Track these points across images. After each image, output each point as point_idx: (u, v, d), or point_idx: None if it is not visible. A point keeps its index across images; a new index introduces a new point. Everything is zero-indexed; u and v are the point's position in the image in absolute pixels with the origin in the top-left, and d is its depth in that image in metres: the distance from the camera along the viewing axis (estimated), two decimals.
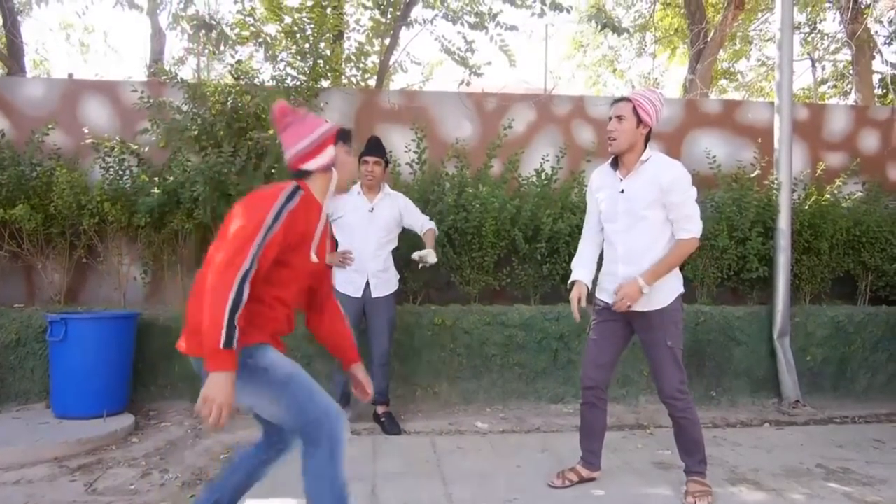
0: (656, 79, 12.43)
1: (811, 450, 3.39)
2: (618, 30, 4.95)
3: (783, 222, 4.51)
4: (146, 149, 4.56)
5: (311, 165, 1.98)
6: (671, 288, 2.71)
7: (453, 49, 6.13)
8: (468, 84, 6.14)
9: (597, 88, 13.01)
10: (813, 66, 11.54)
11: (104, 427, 3.43)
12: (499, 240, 4.33)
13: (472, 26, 5.89)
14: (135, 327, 3.86)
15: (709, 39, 8.56)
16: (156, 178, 4.32)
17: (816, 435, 3.69)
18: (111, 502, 2.64)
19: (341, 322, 2.34)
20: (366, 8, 6.11)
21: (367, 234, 3.62)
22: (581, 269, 2.80)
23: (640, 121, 2.61)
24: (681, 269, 4.71)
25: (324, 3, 4.83)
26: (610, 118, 2.69)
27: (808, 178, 5.11)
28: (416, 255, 3.48)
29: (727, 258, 4.58)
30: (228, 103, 4.50)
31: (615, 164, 2.79)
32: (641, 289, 2.55)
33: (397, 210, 3.74)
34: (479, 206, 4.21)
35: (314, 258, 1.97)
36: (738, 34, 10.83)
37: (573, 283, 2.79)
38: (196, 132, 4.43)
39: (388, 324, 3.68)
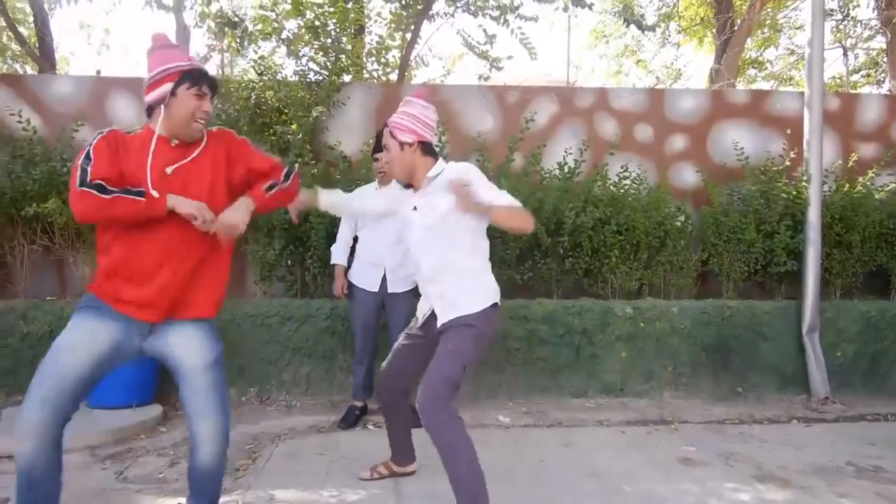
0: (679, 69, 12.22)
1: (841, 447, 3.32)
2: (643, 26, 4.87)
3: (813, 215, 4.41)
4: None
5: (147, 99, 1.98)
6: (475, 298, 2.38)
7: (474, 43, 6.11)
8: (488, 78, 6.11)
9: (619, 79, 12.85)
10: (845, 53, 11.23)
11: (134, 417, 3.51)
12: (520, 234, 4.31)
13: (494, 19, 5.86)
14: None
15: (736, 28, 8.37)
16: None
17: (847, 432, 3.61)
18: (140, 490, 2.71)
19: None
20: (387, 1, 6.12)
21: (385, 230, 3.60)
22: None
23: (402, 143, 2.36)
24: (706, 262, 4.68)
25: None
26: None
27: (840, 169, 4.98)
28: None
29: (754, 252, 4.49)
30: (252, 99, 4.54)
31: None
32: (483, 202, 2.25)
33: None
34: None
35: (154, 193, 1.88)
36: (767, 22, 10.58)
37: None
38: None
39: (407, 319, 3.67)
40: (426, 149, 2.41)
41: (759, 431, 3.61)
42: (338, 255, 3.75)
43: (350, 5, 4.88)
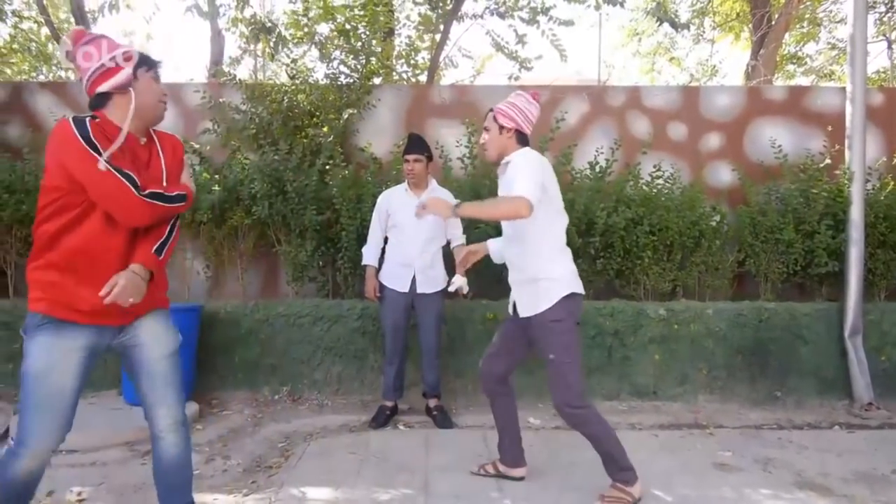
0: (714, 66, 11.95)
1: (886, 454, 3.20)
2: (676, 25, 4.78)
3: (856, 214, 4.26)
4: (208, 147, 4.73)
5: (105, 87, 1.87)
6: (549, 289, 2.50)
7: (503, 43, 6.09)
8: (518, 78, 6.09)
9: (651, 77, 12.64)
10: (889, 47, 10.82)
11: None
12: None
13: (525, 21, 5.84)
14: (198, 319, 4.02)
15: (773, 23, 8.15)
16: (216, 176, 4.49)
17: (891, 439, 3.48)
18: None
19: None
20: (416, 4, 6.15)
21: (415, 230, 3.61)
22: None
23: (501, 126, 2.60)
24: (742, 263, 4.57)
25: (375, 2, 4.89)
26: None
27: (884, 167, 4.81)
28: (452, 287, 2.96)
29: (793, 252, 4.37)
30: (284, 102, 4.61)
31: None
32: (453, 205, 2.41)
33: None
34: None
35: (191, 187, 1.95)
36: (806, 16, 10.27)
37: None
38: (254, 131, 4.58)
39: (436, 319, 3.69)
40: (521, 138, 2.62)
41: (799, 437, 3.51)
42: (369, 256, 3.77)
43: (380, 8, 4.91)
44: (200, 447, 3.28)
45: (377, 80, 5.03)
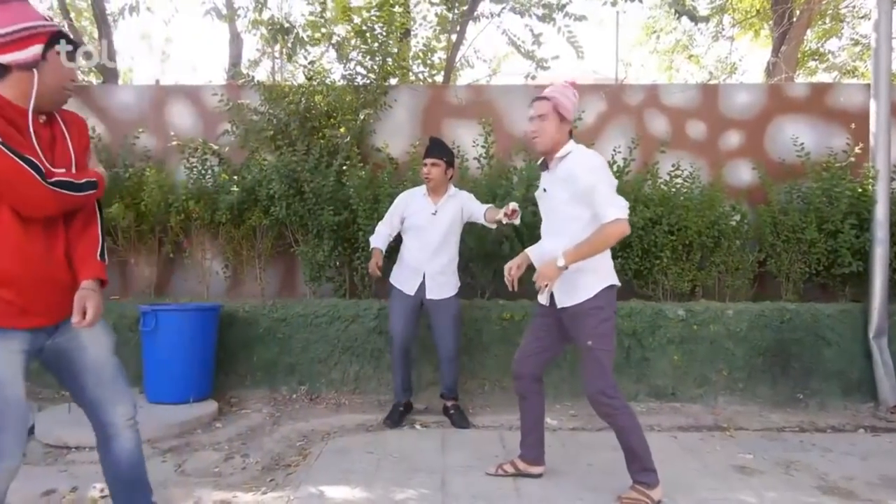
0: (734, 63, 11.80)
1: None
2: (695, 18, 4.73)
3: (881, 213, 4.18)
4: (226, 149, 4.79)
5: (6, 59, 1.66)
6: (589, 282, 2.52)
7: (520, 42, 6.08)
8: (534, 77, 6.06)
9: (670, 75, 12.52)
10: None
11: (191, 412, 3.64)
12: None
13: (540, 18, 5.82)
14: (217, 319, 4.06)
15: (794, 19, 8.03)
16: (235, 177, 4.54)
17: None
18: (198, 483, 2.80)
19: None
20: (432, 4, 6.16)
21: (429, 236, 3.57)
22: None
23: (563, 118, 2.57)
24: (763, 263, 4.51)
25: (392, 2, 4.90)
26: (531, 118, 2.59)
27: None
28: (503, 218, 3.04)
29: (816, 252, 4.30)
30: (301, 103, 4.65)
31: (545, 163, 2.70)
32: (557, 263, 2.40)
33: (459, 208, 3.62)
34: None
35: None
36: (829, 12, 10.09)
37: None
38: (272, 132, 4.62)
39: (452, 321, 3.64)
40: (570, 131, 2.62)
41: (822, 440, 3.45)
42: (377, 240, 3.68)
43: (397, 9, 4.93)
44: (220, 445, 3.31)
45: (393, 81, 5.05)
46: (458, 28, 6.14)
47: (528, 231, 4.23)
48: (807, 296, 4.47)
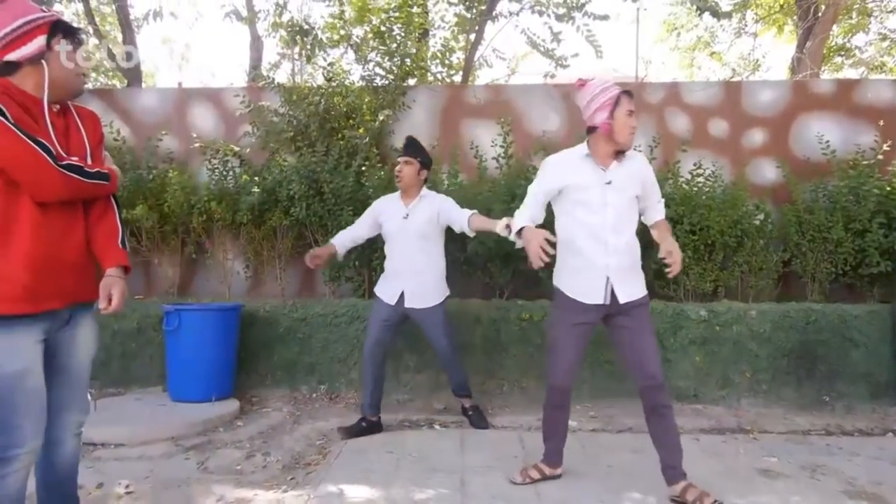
0: (757, 60, 11.60)
1: None
2: (717, 14, 4.66)
3: None
4: (247, 150, 4.84)
5: (14, 56, 1.72)
6: (641, 276, 2.74)
7: (539, 41, 6.05)
8: (554, 76, 6.03)
9: (691, 73, 12.35)
10: None
11: (213, 410, 3.69)
12: None
13: (559, 17, 5.79)
14: (239, 318, 4.11)
15: (820, 14, 7.87)
16: (256, 178, 4.58)
17: None
18: (220, 480, 2.84)
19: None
20: (450, 4, 6.15)
21: (403, 241, 3.40)
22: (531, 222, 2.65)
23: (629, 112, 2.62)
24: (788, 263, 4.43)
25: (410, 3, 4.91)
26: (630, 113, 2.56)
27: None
28: (503, 230, 2.83)
29: (842, 252, 4.21)
30: (321, 105, 4.68)
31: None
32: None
33: (434, 211, 3.40)
34: None
35: (115, 169, 1.82)
36: (855, 6, 9.87)
37: (523, 229, 2.57)
38: (292, 134, 4.66)
39: (440, 329, 3.44)
40: None
41: (849, 444, 3.37)
42: (337, 238, 3.58)
43: (415, 10, 4.94)
44: (241, 443, 3.35)
45: (412, 81, 5.06)
46: (476, 28, 6.13)
47: (548, 229, 4.20)
48: (833, 296, 4.38)
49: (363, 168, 4.46)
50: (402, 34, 4.87)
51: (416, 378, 4.15)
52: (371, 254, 4.44)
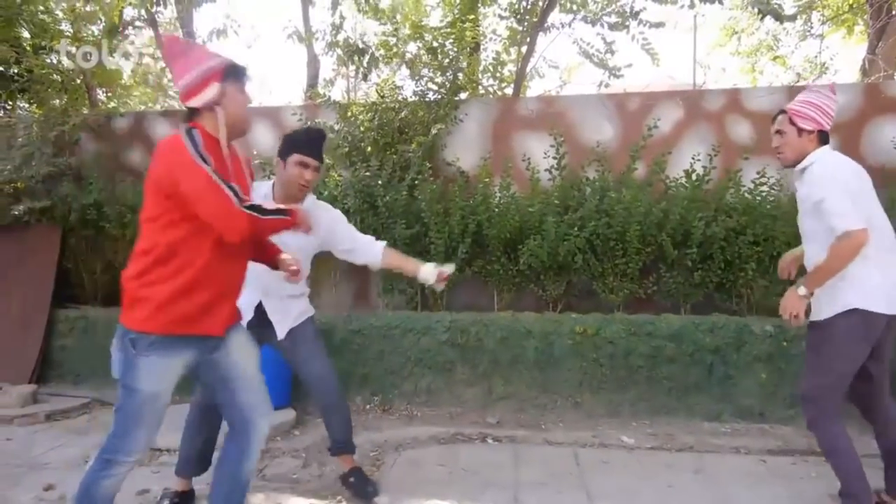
0: (824, 63, 11.06)
1: None
2: (780, 16, 4.49)
3: None
4: None
5: (194, 102, 1.88)
6: (832, 299, 2.40)
7: (592, 51, 5.98)
8: (608, 85, 5.94)
9: (752, 78, 11.91)
10: None
11: (272, 420, 3.77)
12: (644, 245, 4.13)
13: (612, 27, 5.71)
14: None
15: (893, 13, 7.46)
16: (313, 194, 4.70)
17: None
18: (277, 489, 2.91)
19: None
20: (502, 18, 6.18)
21: (295, 249, 2.67)
22: None
23: (800, 129, 2.51)
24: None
25: (462, 18, 4.97)
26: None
27: None
28: (423, 277, 2.62)
29: None
30: (375, 120, 4.78)
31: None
32: (799, 292, 2.36)
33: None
34: (623, 210, 4.05)
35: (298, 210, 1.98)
36: None
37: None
38: (346, 149, 4.77)
39: (314, 343, 3.00)
40: (822, 137, 2.52)
41: None
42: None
43: (466, 24, 4.99)
44: (298, 452, 3.42)
45: (463, 95, 5.10)
46: (528, 40, 6.12)
47: (603, 243, 4.13)
48: None
49: (416, 182, 4.51)
50: (455, 49, 4.92)
51: (469, 391, 4.14)
52: None
